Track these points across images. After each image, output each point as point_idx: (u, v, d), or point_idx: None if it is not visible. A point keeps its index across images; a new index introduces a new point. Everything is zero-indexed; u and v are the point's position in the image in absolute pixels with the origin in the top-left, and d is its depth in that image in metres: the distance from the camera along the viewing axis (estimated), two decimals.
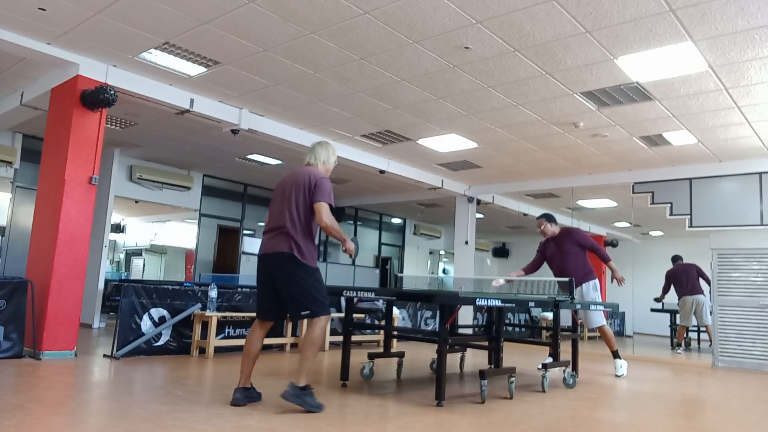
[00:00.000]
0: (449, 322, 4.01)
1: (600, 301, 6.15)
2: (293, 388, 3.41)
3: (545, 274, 6.24)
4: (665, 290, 9.33)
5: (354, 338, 6.95)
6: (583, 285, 5.91)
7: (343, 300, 7.53)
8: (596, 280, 5.98)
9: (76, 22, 4.84)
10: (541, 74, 5.39)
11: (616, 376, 5.96)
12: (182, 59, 5.49)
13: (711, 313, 8.14)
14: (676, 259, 9.33)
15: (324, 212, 3.52)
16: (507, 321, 10.44)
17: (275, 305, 3.65)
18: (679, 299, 9.01)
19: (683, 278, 8.97)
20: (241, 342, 6.30)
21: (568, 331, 5.62)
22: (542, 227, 6.16)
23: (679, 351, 8.86)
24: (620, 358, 6.04)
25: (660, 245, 14.86)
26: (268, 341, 6.59)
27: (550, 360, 5.00)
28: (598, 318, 5.81)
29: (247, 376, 3.63)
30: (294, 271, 3.49)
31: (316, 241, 3.68)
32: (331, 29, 4.72)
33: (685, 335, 9.22)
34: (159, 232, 12.47)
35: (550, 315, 10.52)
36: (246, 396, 3.59)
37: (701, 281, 8.91)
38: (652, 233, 14.89)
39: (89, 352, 5.72)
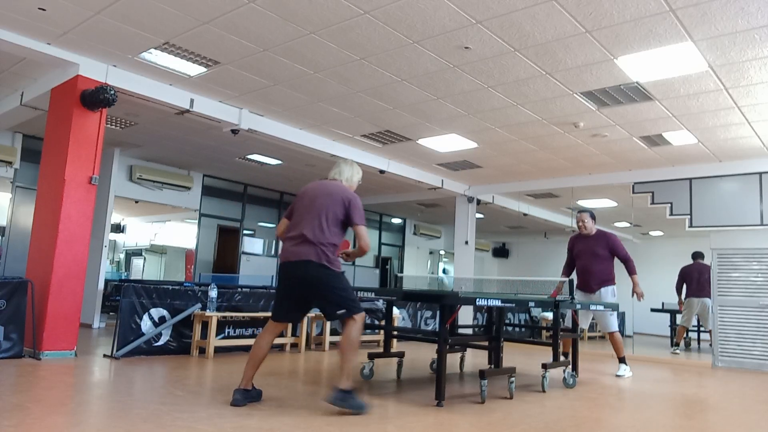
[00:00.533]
0: (449, 322, 4.01)
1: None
2: (338, 392, 3.44)
3: (545, 274, 6.23)
4: (679, 288, 9.16)
5: None
6: (602, 289, 5.95)
7: None
8: (615, 286, 6.01)
9: (76, 22, 4.84)
10: (541, 74, 5.39)
11: (616, 375, 5.97)
12: (182, 59, 5.50)
13: (711, 314, 8.13)
14: (696, 256, 9.07)
15: (367, 236, 3.73)
16: (507, 321, 10.45)
17: (295, 309, 3.76)
18: (685, 299, 8.93)
19: (695, 278, 8.86)
20: (240, 342, 6.33)
21: (569, 331, 5.63)
22: (584, 222, 6.09)
23: (676, 351, 8.84)
24: (626, 365, 6.05)
25: (660, 245, 14.87)
26: None
27: (563, 358, 5.02)
28: (613, 322, 5.87)
29: (249, 378, 3.64)
30: (325, 278, 3.58)
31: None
32: (331, 29, 4.72)
33: (684, 336, 9.18)
34: (159, 232, 12.47)
35: (550, 315, 10.51)
36: (246, 397, 3.59)
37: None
38: (652, 233, 14.90)
39: (89, 352, 5.72)
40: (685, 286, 8.97)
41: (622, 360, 6.04)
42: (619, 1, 4.06)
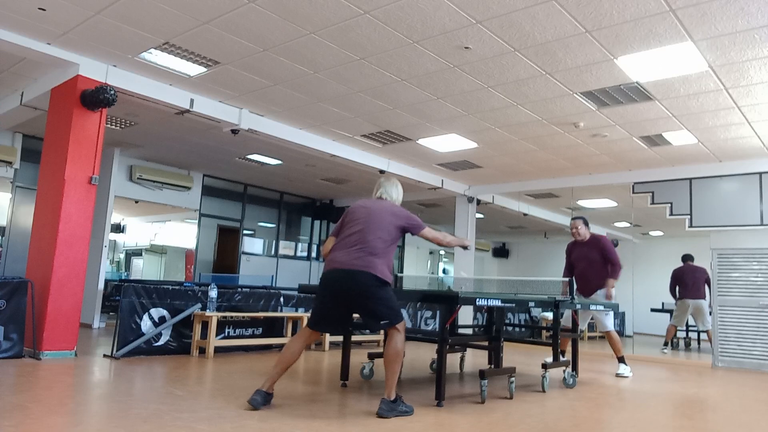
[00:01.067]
0: (449, 322, 4.01)
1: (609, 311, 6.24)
2: (387, 404, 3.47)
3: (545, 274, 6.26)
4: (672, 291, 9.22)
5: (354, 338, 6.97)
6: (599, 291, 6.12)
7: None
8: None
9: (76, 22, 4.84)
10: (541, 74, 5.39)
11: (616, 374, 6.00)
12: (182, 59, 5.49)
13: (711, 313, 8.14)
14: (686, 258, 9.18)
15: (435, 234, 3.92)
16: (507, 321, 10.45)
17: (337, 320, 3.78)
18: (678, 300, 8.96)
19: (689, 280, 8.88)
20: (240, 342, 6.33)
21: (569, 331, 5.63)
22: (577, 228, 6.25)
23: (665, 350, 8.84)
24: (626, 364, 6.11)
25: (660, 245, 14.87)
26: (268, 341, 6.59)
27: (564, 359, 5.07)
28: (608, 322, 6.04)
29: (274, 381, 3.60)
30: (375, 290, 3.60)
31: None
32: (331, 29, 4.72)
33: (674, 335, 9.19)
34: (159, 232, 12.46)
35: (550, 315, 10.51)
36: (266, 401, 3.54)
37: (705, 287, 8.85)
38: (652, 233, 14.89)
39: (89, 352, 5.72)
40: (678, 287, 9.01)
41: (621, 359, 6.09)
42: (619, 1, 4.06)
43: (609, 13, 4.21)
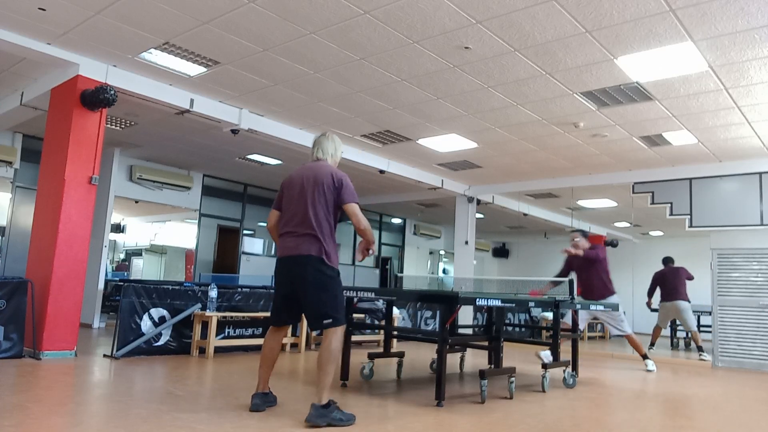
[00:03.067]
0: (449, 322, 4.01)
1: (622, 316, 6.37)
2: (316, 409, 3.14)
3: (545, 274, 6.27)
4: (650, 293, 9.28)
5: (354, 338, 6.96)
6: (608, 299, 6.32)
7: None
8: (615, 295, 6.42)
9: (76, 22, 4.84)
10: (541, 74, 5.39)
11: (647, 371, 6.53)
12: (182, 59, 5.49)
13: (711, 314, 8.13)
14: (666, 261, 9.23)
15: (361, 215, 3.43)
16: (507, 321, 10.45)
17: (290, 310, 3.51)
18: (660, 302, 8.99)
19: (669, 283, 8.91)
20: (240, 342, 6.33)
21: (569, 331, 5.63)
22: (575, 241, 6.42)
23: (651, 349, 8.84)
24: (649, 359, 6.65)
25: (660, 245, 14.88)
26: None
27: (548, 355, 5.10)
28: (626, 326, 6.37)
29: (265, 381, 3.51)
30: (320, 275, 3.33)
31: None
32: (331, 29, 4.72)
33: (658, 336, 9.20)
34: (159, 232, 12.47)
35: (550, 315, 10.50)
36: (265, 401, 3.47)
37: (686, 283, 8.87)
38: (652, 233, 14.90)
39: (89, 352, 5.72)
40: (660, 290, 9.02)
41: (644, 356, 6.62)
42: (619, 1, 4.06)
43: (609, 13, 4.22)
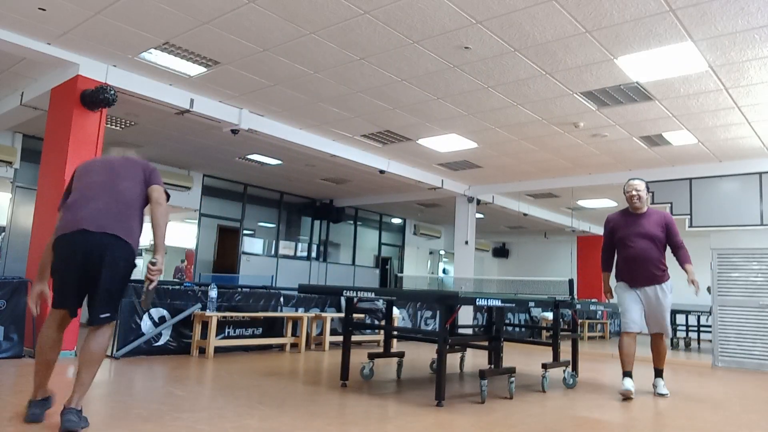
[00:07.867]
0: (449, 322, 4.01)
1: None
2: (76, 414, 2.73)
3: (545, 274, 6.23)
4: None
5: (354, 338, 6.97)
6: (664, 285, 4.72)
7: (343, 300, 7.54)
8: (670, 281, 4.81)
9: (76, 22, 4.84)
10: (541, 74, 5.39)
11: (660, 394, 4.92)
12: (182, 59, 5.50)
13: (711, 314, 8.12)
14: None
15: (163, 196, 3.21)
16: (507, 321, 10.44)
17: (78, 292, 2.92)
18: None
19: None
20: (240, 342, 6.33)
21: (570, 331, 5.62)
22: (639, 192, 4.78)
23: None
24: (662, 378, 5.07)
25: None
26: (268, 341, 6.59)
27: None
28: (667, 325, 4.91)
29: (44, 385, 2.95)
30: (121, 260, 2.91)
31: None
32: (331, 29, 4.72)
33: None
34: None
35: (550, 315, 10.51)
36: (45, 409, 2.96)
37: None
38: None
39: None
40: None
41: (659, 373, 5.16)
42: (619, 1, 4.06)
43: (609, 13, 4.22)
